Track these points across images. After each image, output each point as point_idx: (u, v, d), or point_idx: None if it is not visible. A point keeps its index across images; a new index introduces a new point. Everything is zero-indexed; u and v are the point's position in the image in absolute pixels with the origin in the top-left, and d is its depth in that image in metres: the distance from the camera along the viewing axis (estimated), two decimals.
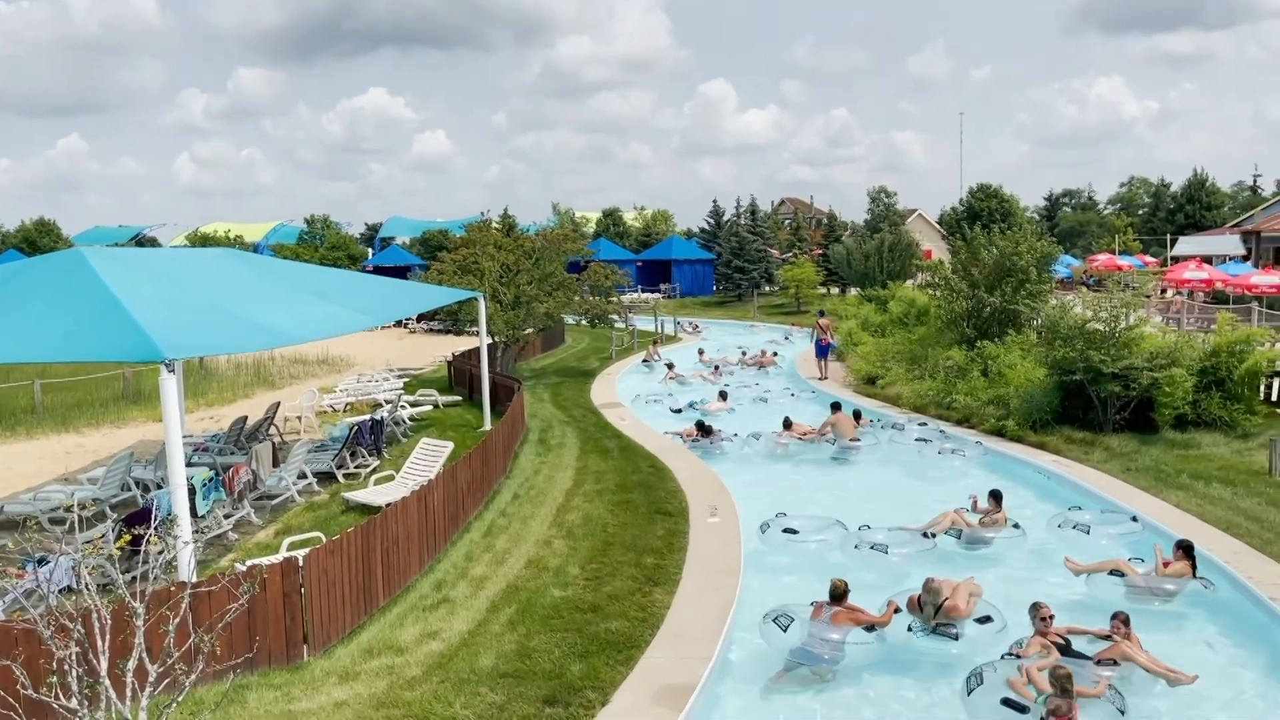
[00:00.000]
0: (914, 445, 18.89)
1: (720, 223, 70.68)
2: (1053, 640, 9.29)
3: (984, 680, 8.56)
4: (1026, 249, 25.30)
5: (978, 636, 9.81)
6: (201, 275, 14.82)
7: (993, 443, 18.83)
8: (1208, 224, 69.68)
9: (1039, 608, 9.62)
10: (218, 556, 12.74)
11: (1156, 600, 10.97)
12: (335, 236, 72.23)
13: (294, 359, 34.92)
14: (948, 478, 17.13)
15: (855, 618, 9.90)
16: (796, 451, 19.50)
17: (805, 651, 9.61)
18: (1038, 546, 13.21)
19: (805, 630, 9.77)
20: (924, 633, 9.95)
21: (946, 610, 9.96)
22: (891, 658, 9.84)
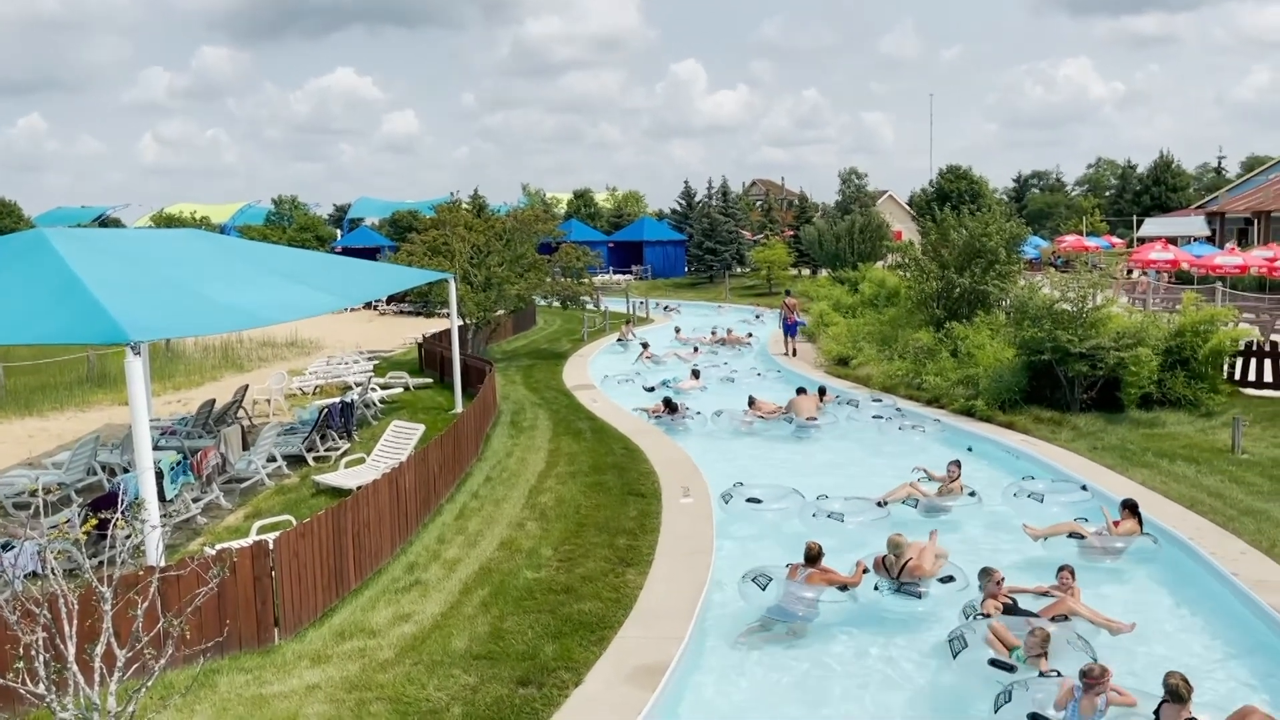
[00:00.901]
0: (873, 422, 19.34)
1: (691, 204, 70.66)
2: (1002, 600, 9.74)
3: (967, 642, 8.90)
4: (996, 230, 25.48)
5: (942, 595, 10.33)
6: (167, 256, 14.63)
7: (951, 419, 19.35)
8: (1173, 205, 70.55)
9: (990, 572, 10.03)
10: (186, 540, 12.63)
11: (1108, 558, 11.67)
12: (303, 218, 71.58)
13: (262, 341, 34.59)
14: (907, 452, 17.36)
15: (828, 578, 10.39)
16: (761, 429, 19.79)
17: (781, 609, 10.13)
18: (993, 513, 13.80)
19: (782, 590, 10.23)
20: (891, 591, 10.44)
21: (911, 570, 10.47)
22: (861, 616, 10.36)
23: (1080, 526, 12.08)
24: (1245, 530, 11.91)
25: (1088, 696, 7.68)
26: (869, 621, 10.35)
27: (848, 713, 8.78)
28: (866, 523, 12.93)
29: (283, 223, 69.76)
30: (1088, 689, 7.69)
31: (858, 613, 10.42)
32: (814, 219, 61.38)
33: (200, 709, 7.99)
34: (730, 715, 8.77)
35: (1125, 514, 12.01)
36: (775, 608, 10.16)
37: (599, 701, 8.18)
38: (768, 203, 73.49)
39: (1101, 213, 75.64)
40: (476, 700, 8.18)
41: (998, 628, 8.99)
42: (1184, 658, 9.33)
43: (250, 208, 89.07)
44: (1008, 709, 7.83)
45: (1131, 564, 11.69)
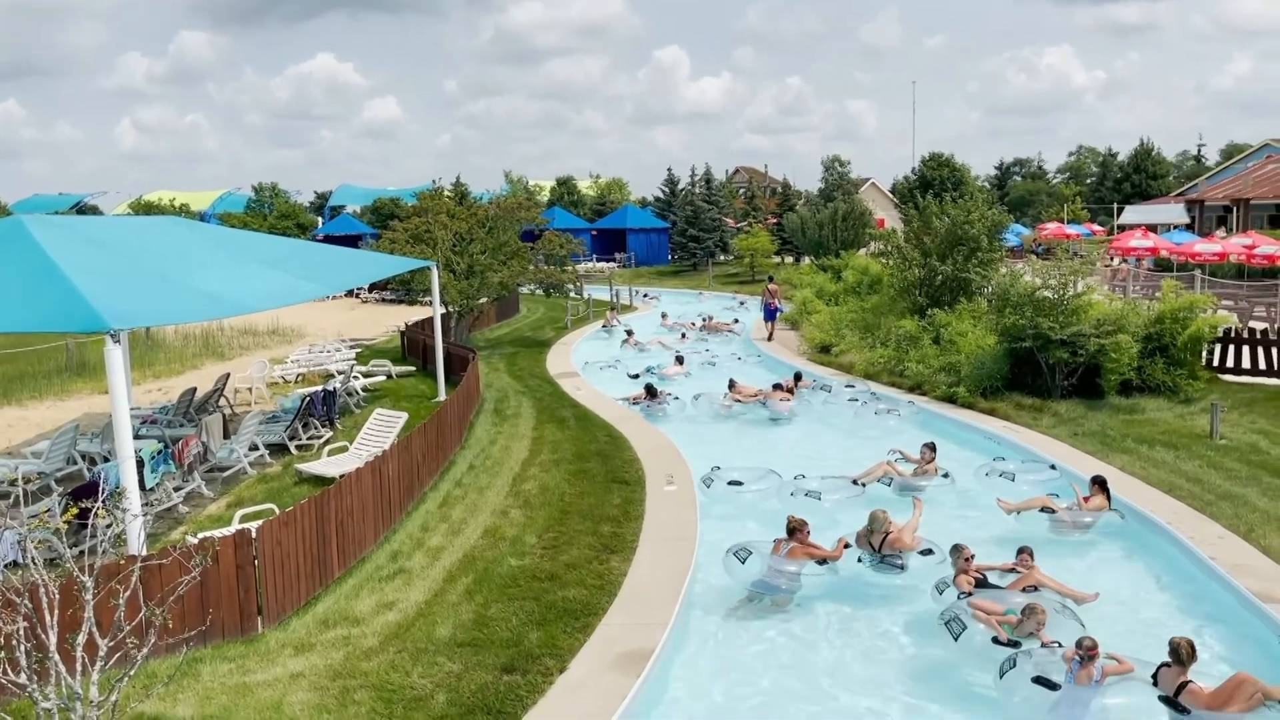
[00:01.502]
0: (848, 406, 19.74)
1: (675, 191, 70.53)
2: (973, 576, 10.10)
3: (965, 624, 9.08)
4: (978, 218, 25.56)
5: (920, 568, 10.80)
6: (147, 244, 14.51)
7: (926, 403, 19.82)
8: (1153, 193, 70.95)
9: (960, 549, 10.38)
10: (168, 530, 12.57)
11: (1077, 532, 12.21)
12: (284, 205, 71.04)
13: (243, 329, 34.39)
14: (882, 435, 17.70)
15: (809, 552, 10.71)
16: (740, 412, 20.20)
17: (764, 583, 10.49)
18: (966, 492, 14.27)
19: (765, 564, 10.52)
20: (873, 564, 10.90)
21: (891, 543, 10.89)
22: (844, 589, 10.80)
23: (1052, 501, 12.56)
24: (1223, 514, 12.04)
25: (1085, 667, 7.98)
26: (852, 594, 10.72)
27: (834, 684, 8.97)
28: (842, 501, 13.36)
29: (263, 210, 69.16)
30: (1085, 660, 7.98)
31: (840, 586, 10.80)
32: (797, 206, 61.43)
33: (183, 698, 7.97)
34: (717, 692, 8.86)
35: (1094, 490, 12.48)
36: (759, 581, 10.49)
37: (583, 688, 8.21)
38: (751, 190, 73.46)
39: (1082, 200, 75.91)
40: (461, 687, 8.19)
41: (982, 604, 9.25)
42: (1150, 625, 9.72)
43: (230, 195, 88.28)
44: (1013, 674, 8.11)
45: (1100, 537, 12.18)
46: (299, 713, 7.74)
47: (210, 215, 72.18)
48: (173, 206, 69.88)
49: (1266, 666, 8.56)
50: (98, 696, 6.39)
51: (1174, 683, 7.86)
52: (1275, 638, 9.02)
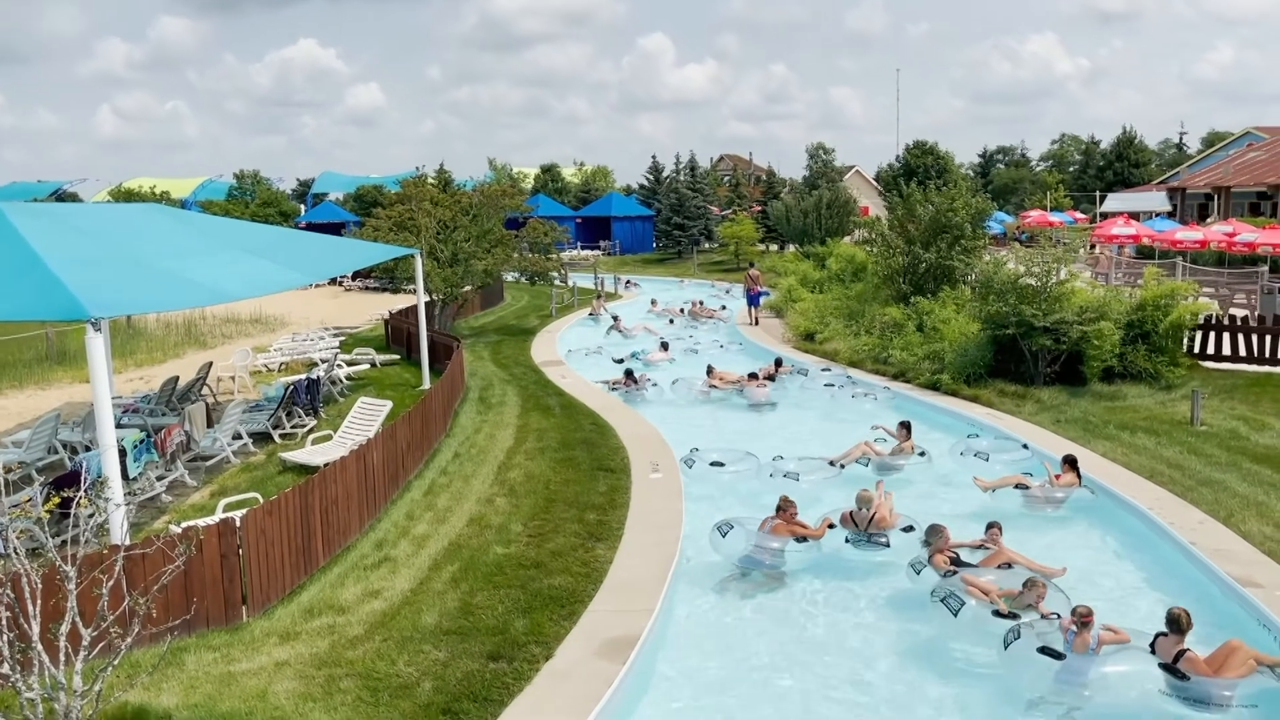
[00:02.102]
0: (825, 390, 20.18)
1: (660, 179, 70.44)
2: (948, 555, 10.39)
3: (963, 600, 9.36)
4: (961, 205, 25.62)
5: (901, 545, 11.19)
6: (128, 231, 14.39)
7: (900, 387, 20.26)
8: (1136, 181, 71.35)
9: (939, 530, 10.63)
10: (151, 519, 12.51)
11: (1050, 508, 12.73)
12: (266, 192, 70.58)
13: (226, 318, 34.21)
14: (859, 418, 18.03)
15: (792, 529, 11.17)
16: (719, 397, 20.57)
17: (749, 558, 10.99)
18: (942, 471, 14.69)
19: (749, 539, 11.01)
20: (860, 542, 11.29)
21: (876, 521, 11.34)
22: (834, 564, 11.23)
23: (1025, 479, 13.05)
24: (1203, 500, 12.15)
25: (1080, 634, 8.30)
26: (838, 571, 11.15)
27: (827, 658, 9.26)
28: (819, 481, 13.84)
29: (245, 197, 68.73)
30: (1081, 626, 8.32)
31: (830, 562, 11.24)
32: (782, 194, 61.41)
33: (168, 687, 7.94)
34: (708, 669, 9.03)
35: (1065, 467, 13.01)
36: (745, 557, 10.98)
37: (570, 675, 8.23)
38: (735, 178, 73.36)
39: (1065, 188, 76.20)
40: (447, 675, 8.19)
41: (976, 581, 9.56)
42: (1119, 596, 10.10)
43: (211, 182, 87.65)
44: (1018, 645, 8.35)
45: (1071, 513, 12.70)
46: (284, 701, 7.73)
47: (191, 203, 71.64)
48: (153, 194, 69.34)
49: None
50: (81, 686, 6.36)
51: (1172, 651, 8.10)
52: (1255, 621, 9.11)
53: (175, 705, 7.58)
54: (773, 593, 10.75)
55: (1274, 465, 13.55)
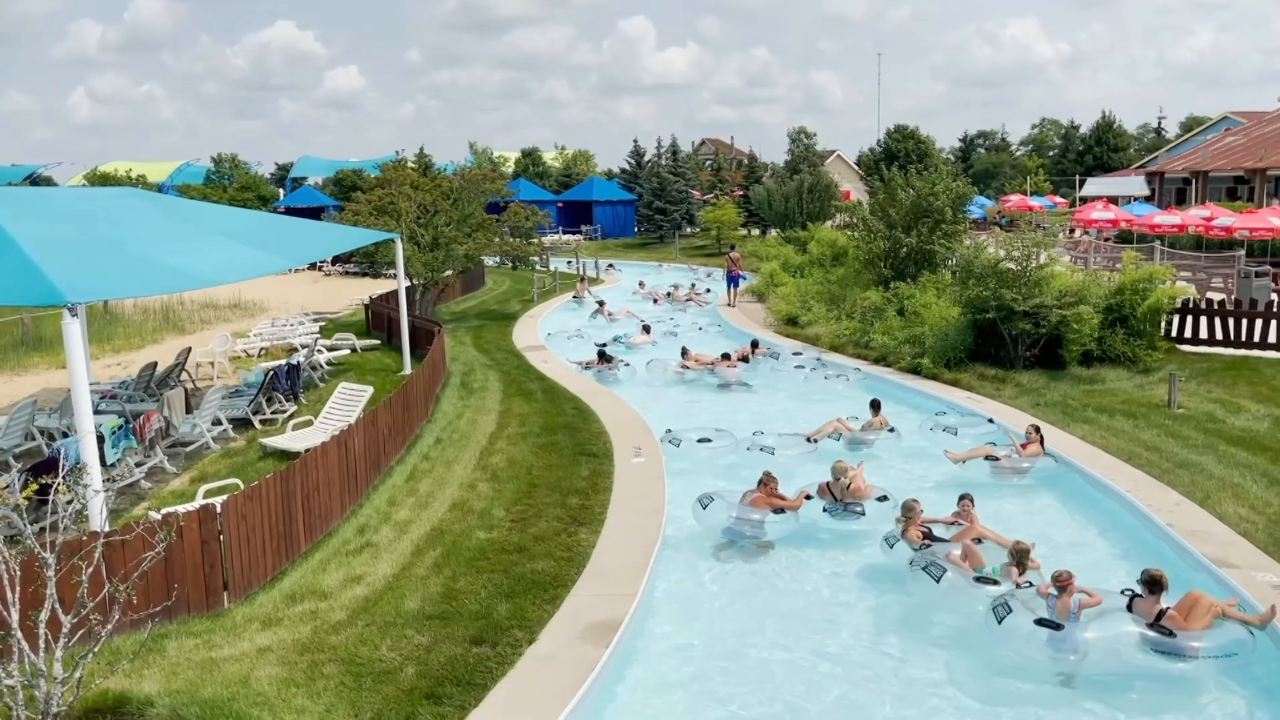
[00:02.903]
0: (797, 372, 20.59)
1: (641, 163, 70.28)
2: (920, 529, 10.72)
3: (944, 568, 9.67)
4: (942, 190, 25.68)
5: (876, 514, 11.69)
6: (104, 215, 14.24)
7: (872, 368, 20.74)
8: (1114, 165, 71.71)
9: (912, 506, 10.89)
10: (130, 505, 12.43)
11: (1016, 476, 13.33)
12: (244, 176, 70.01)
13: (204, 303, 33.95)
14: (831, 398, 18.55)
15: (770, 501, 11.63)
16: (693, 378, 21.00)
17: (731, 529, 11.49)
18: (912, 445, 15.33)
19: (731, 511, 11.48)
20: (836, 512, 11.76)
21: (852, 492, 11.88)
22: (812, 535, 11.72)
23: (994, 450, 13.67)
24: (1180, 482, 12.28)
25: (1061, 598, 8.60)
26: (817, 540, 11.65)
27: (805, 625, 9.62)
28: (795, 456, 14.30)
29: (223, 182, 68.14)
30: (1061, 591, 8.62)
31: (808, 532, 11.71)
32: (763, 179, 61.39)
33: (149, 674, 7.91)
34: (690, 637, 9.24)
35: (1031, 436, 13.70)
36: (728, 529, 11.48)
37: (553, 659, 8.25)
38: (717, 162, 73.18)
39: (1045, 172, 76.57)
40: (430, 660, 8.20)
41: (954, 553, 10.01)
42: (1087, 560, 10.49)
43: (189, 166, 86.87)
44: (1011, 619, 8.59)
45: (1037, 484, 13.34)
46: (267, 687, 7.71)
47: (168, 187, 70.86)
48: (129, 178, 68.71)
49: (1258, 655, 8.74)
50: (61, 673, 6.33)
51: (1152, 610, 8.49)
52: None
53: (157, 692, 7.55)
54: (752, 562, 11.13)
55: (1249, 447, 13.71)
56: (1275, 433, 14.47)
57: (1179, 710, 7.98)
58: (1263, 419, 15.20)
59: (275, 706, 7.42)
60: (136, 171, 73.94)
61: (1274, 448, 13.67)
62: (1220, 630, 8.30)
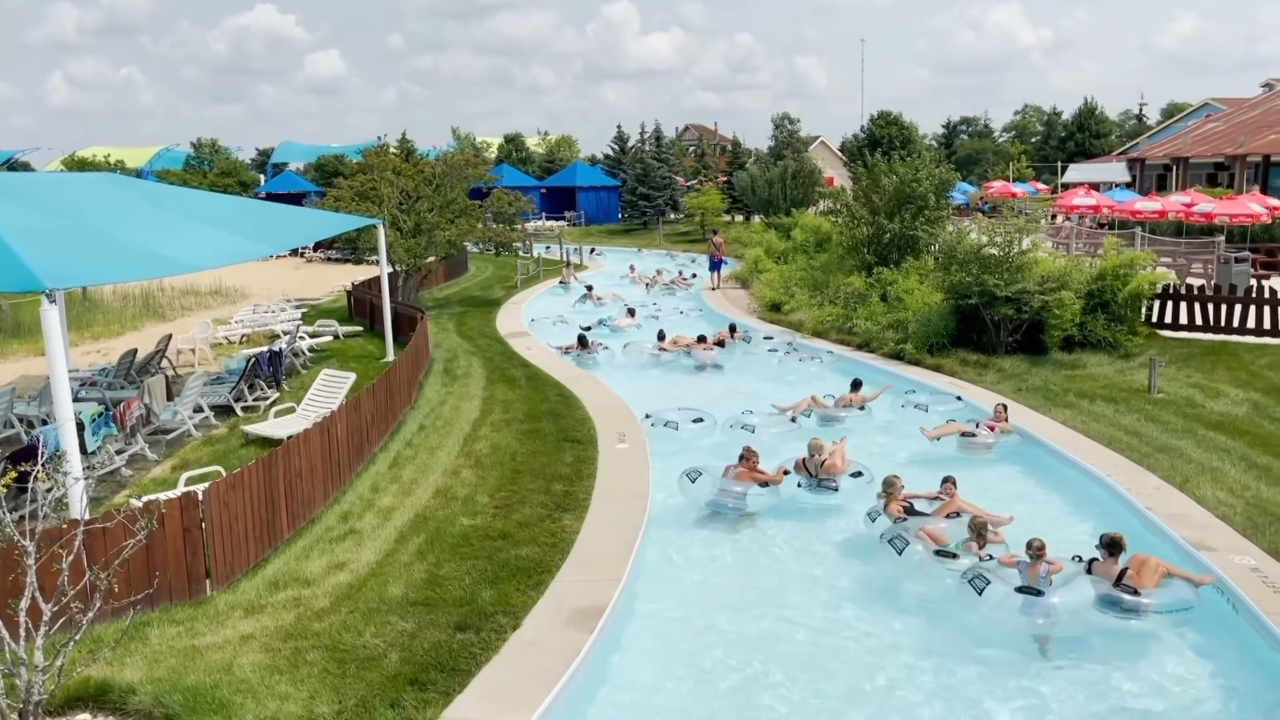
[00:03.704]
0: (770, 355, 20.97)
1: (625, 149, 70.07)
2: (902, 504, 11.00)
3: (907, 540, 10.04)
4: (925, 176, 25.72)
5: (851, 489, 12.19)
6: (83, 201, 14.10)
7: (844, 351, 21.18)
8: (1096, 151, 71.95)
9: (893, 482, 11.21)
10: (111, 493, 12.36)
11: (984, 451, 13.91)
12: (224, 162, 69.49)
13: (185, 290, 33.71)
14: (804, 380, 18.98)
15: (753, 476, 12.03)
16: (668, 360, 21.45)
17: (715, 502, 11.89)
18: (883, 422, 15.93)
19: (716, 485, 11.91)
20: (811, 487, 12.22)
21: (827, 468, 12.26)
22: (788, 508, 12.19)
23: (967, 426, 14.26)
24: (1160, 466, 12.38)
25: (1033, 565, 9.02)
26: (794, 513, 12.14)
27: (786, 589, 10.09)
28: (776, 434, 14.71)
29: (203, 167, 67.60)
30: (1034, 559, 9.03)
31: (784, 506, 12.22)
32: (747, 165, 61.32)
33: (131, 661, 7.88)
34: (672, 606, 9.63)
35: (1000, 412, 14.42)
36: (712, 500, 11.88)
37: (537, 644, 8.26)
38: (701, 148, 73.12)
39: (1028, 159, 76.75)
40: (414, 646, 8.19)
41: (930, 528, 10.29)
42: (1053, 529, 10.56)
43: (168, 151, 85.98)
44: (990, 590, 8.93)
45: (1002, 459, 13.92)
46: (250, 674, 7.69)
47: (147, 172, 70.26)
48: (108, 163, 68.04)
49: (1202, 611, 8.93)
50: (42, 662, 6.30)
51: (1113, 572, 9.00)
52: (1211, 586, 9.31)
53: (139, 680, 7.52)
54: (735, 534, 11.58)
55: (1228, 432, 13.83)
56: (1253, 417, 14.61)
57: (1140, 661, 8.50)
58: (1241, 403, 15.33)
59: (259, 694, 7.41)
60: (115, 157, 73.19)
61: (1252, 432, 13.80)
62: (1169, 588, 8.89)
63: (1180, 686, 8.16)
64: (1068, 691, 8.08)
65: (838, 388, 16.88)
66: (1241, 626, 8.74)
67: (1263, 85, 52.97)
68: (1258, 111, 45.43)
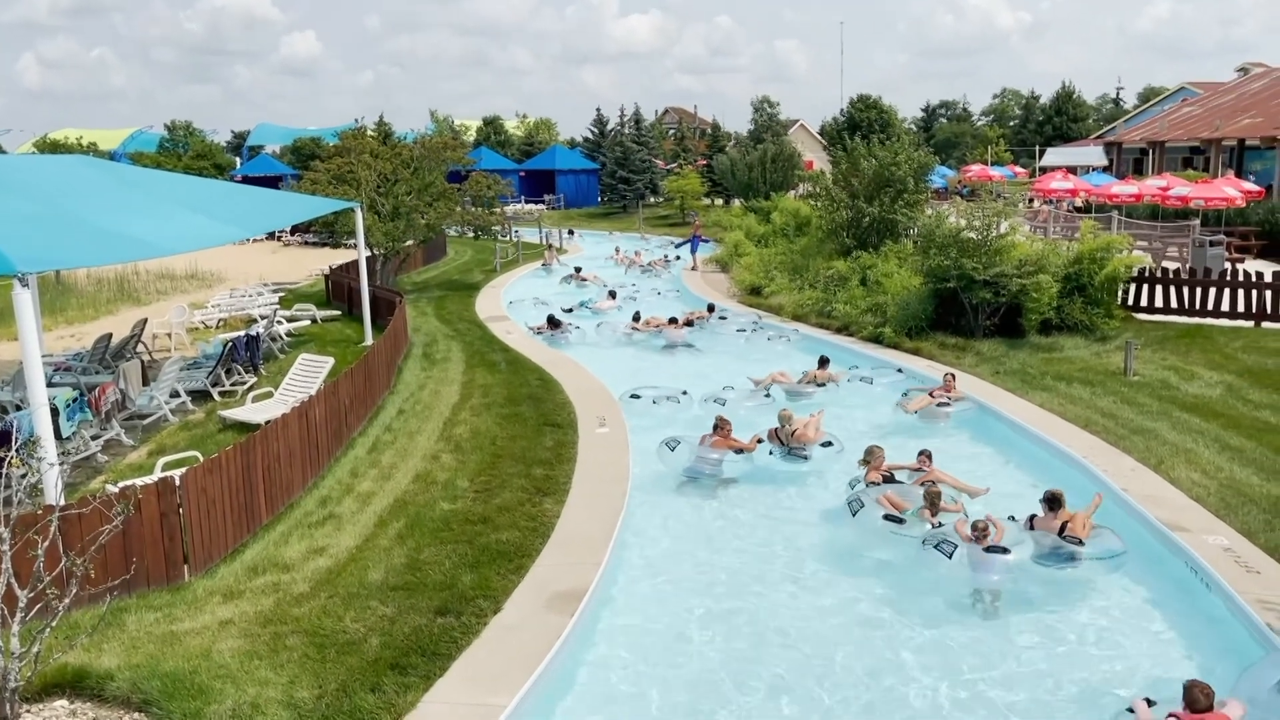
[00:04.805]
0: (738, 335, 21.49)
1: (604, 132, 69.77)
2: (881, 474, 11.43)
3: (864, 503, 10.65)
4: (904, 160, 25.76)
5: (822, 458, 12.79)
6: (55, 184, 13.92)
7: (810, 330, 21.80)
8: (1074, 135, 72.24)
9: (874, 452, 11.66)
10: (87, 479, 12.25)
11: (942, 421, 14.61)
12: (199, 144, 68.74)
13: (160, 274, 33.39)
14: (772, 358, 19.39)
15: (728, 444, 12.59)
16: (641, 340, 21.84)
17: (693, 469, 12.51)
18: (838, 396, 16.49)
19: (694, 453, 12.52)
20: (782, 455, 12.75)
21: (797, 437, 12.78)
22: (761, 475, 12.75)
23: (939, 395, 14.96)
24: (1135, 448, 12.50)
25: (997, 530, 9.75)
26: (769, 479, 12.70)
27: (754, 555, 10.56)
28: (751, 407, 15.35)
29: (177, 150, 66.85)
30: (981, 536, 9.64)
31: (757, 473, 12.78)
32: (727, 148, 61.18)
33: (109, 648, 7.83)
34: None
35: (949, 383, 15.25)
36: (689, 468, 12.49)
37: (518, 628, 8.27)
38: (681, 131, 72.80)
39: (1006, 143, 77.04)
40: (394, 631, 8.18)
41: (893, 496, 10.76)
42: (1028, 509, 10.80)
43: (141, 133, 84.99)
44: (959, 552, 9.47)
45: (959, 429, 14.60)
46: (229, 660, 7.66)
47: (121, 155, 69.34)
48: (80, 145, 67.17)
49: (1174, 591, 9.08)
50: (19, 648, 6.25)
51: (1055, 525, 9.74)
52: (1183, 563, 9.44)
53: (117, 666, 7.48)
54: (711, 499, 12.19)
55: (1202, 414, 13.97)
56: (1227, 399, 14.77)
57: (1081, 604, 9.25)
58: (1215, 386, 15.49)
59: (238, 679, 7.39)
60: (88, 139, 72.23)
61: (1225, 414, 13.95)
62: (1100, 537, 9.64)
63: (1128, 625, 8.86)
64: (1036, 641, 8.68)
65: (805, 364, 17.53)
66: (1168, 561, 9.70)
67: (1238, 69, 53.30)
68: (1232, 96, 45.74)
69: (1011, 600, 9.39)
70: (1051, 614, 9.10)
